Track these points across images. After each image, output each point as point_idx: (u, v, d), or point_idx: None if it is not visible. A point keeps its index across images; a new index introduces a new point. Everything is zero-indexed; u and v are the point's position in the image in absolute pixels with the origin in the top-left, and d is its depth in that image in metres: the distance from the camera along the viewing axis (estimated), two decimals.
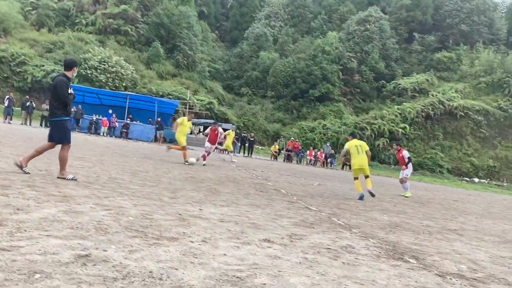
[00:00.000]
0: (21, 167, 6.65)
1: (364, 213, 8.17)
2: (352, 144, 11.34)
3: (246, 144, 32.75)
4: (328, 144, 37.36)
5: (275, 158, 33.09)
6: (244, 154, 31.98)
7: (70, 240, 3.44)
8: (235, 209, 6.34)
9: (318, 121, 45.39)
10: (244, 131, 36.98)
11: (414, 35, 58.88)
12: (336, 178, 20.03)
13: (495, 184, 41.06)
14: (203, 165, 14.71)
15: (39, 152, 6.93)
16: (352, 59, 51.87)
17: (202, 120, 39.35)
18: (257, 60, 52.72)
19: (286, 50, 54.65)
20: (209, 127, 16.68)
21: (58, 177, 6.75)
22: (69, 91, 6.88)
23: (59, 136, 6.82)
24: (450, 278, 3.97)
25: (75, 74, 7.40)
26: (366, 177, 11.46)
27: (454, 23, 58.90)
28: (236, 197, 7.74)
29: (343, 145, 42.31)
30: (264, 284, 3.05)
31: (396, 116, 45.30)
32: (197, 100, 42.28)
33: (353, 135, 12.49)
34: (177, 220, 4.93)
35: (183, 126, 14.74)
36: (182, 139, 14.68)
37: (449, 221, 8.96)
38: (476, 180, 41.35)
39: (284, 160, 33.04)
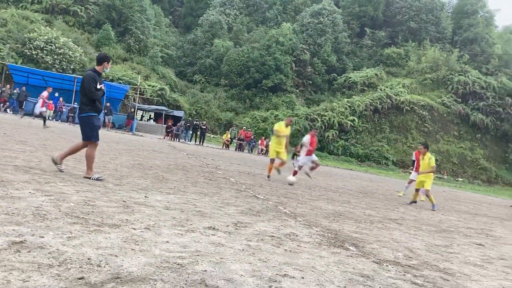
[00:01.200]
0: (56, 163, 6.64)
1: (310, 202, 8.35)
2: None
3: (198, 132, 32.52)
4: None
5: (227, 147, 33.09)
6: (195, 142, 31.74)
7: (4, 226, 3.30)
8: (182, 197, 6.29)
9: (270, 111, 45.74)
10: (196, 119, 36.66)
11: (365, 30, 60.31)
12: (286, 168, 20.29)
13: (436, 177, 43.07)
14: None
15: (73, 151, 6.89)
16: (305, 51, 52.49)
17: (153, 107, 38.65)
18: (211, 48, 52.28)
19: (241, 39, 54.51)
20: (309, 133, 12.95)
21: (84, 177, 6.51)
22: (98, 86, 6.69)
23: (85, 133, 6.68)
24: (386, 265, 4.14)
25: (107, 70, 7.16)
26: None
27: (404, 20, 60.82)
28: (184, 185, 7.69)
29: (294, 136, 43.05)
30: (205, 270, 3.07)
31: (346, 108, 46.42)
32: (148, 86, 41.42)
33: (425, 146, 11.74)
34: (120, 207, 4.84)
35: (280, 137, 12.04)
36: (273, 150, 12.20)
37: (390, 211, 9.32)
38: None
39: (236, 149, 33.09)
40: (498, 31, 68.50)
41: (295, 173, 12.12)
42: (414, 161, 14.59)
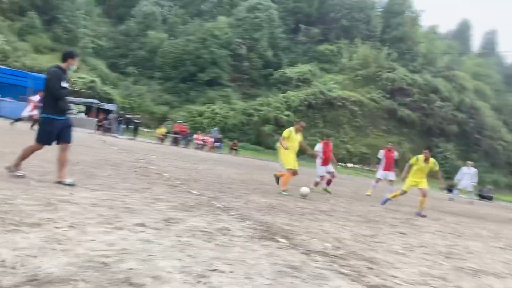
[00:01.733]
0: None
1: (245, 196, 8.39)
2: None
3: (131, 126, 31.62)
4: (216, 129, 37.64)
5: (162, 141, 32.48)
6: (128, 136, 30.86)
7: None
8: (111, 194, 6.08)
9: (207, 105, 45.43)
10: (129, 113, 35.64)
11: (300, 26, 61.45)
12: (222, 162, 20.29)
13: (367, 170, 44.93)
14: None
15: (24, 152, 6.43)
16: (242, 46, 52.60)
17: (83, 100, 37.07)
18: (144, 39, 50.98)
19: (176, 31, 53.61)
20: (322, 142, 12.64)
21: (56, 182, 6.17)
22: (63, 85, 6.24)
23: (37, 133, 6.42)
24: (314, 256, 4.24)
25: (74, 67, 6.64)
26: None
27: (337, 17, 62.67)
28: (114, 181, 7.44)
29: (231, 130, 43.17)
30: (131, 268, 2.98)
31: (281, 103, 47.15)
32: (78, 78, 39.63)
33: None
34: (42, 205, 4.59)
35: (292, 141, 10.56)
36: (290, 159, 10.36)
37: (321, 203, 9.59)
38: (350, 165, 44.82)
39: (171, 144, 32.57)
40: (423, 30, 72.46)
41: (316, 184, 12.33)
42: (380, 159, 14.62)
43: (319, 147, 12.54)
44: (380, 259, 4.62)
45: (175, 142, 33.10)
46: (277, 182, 10.63)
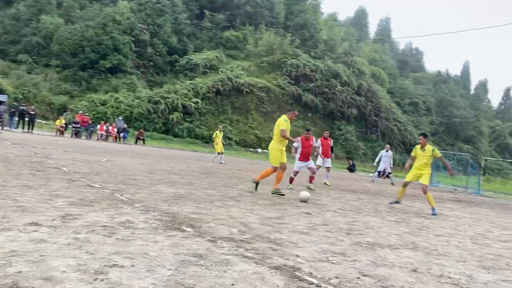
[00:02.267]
0: None
1: (150, 187, 8.17)
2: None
3: (26, 119, 29.30)
4: (120, 118, 36.17)
5: (62, 133, 30.53)
6: (23, 129, 28.59)
7: None
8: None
9: (110, 94, 43.36)
10: (23, 103, 32.92)
11: (204, 12, 60.82)
12: (128, 153, 19.60)
13: None
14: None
15: None
16: (145, 31, 50.83)
17: None
18: (38, 25, 47.19)
19: (73, 16, 50.27)
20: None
21: None
22: None
23: None
24: (220, 242, 4.25)
25: None
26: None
27: (241, 3, 62.86)
28: (4, 179, 6.84)
29: (137, 119, 41.74)
30: (20, 272, 2.75)
31: (189, 90, 46.52)
32: None
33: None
34: None
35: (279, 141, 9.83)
36: (278, 156, 9.65)
37: (230, 188, 9.66)
38: (260, 150, 45.73)
39: (71, 136, 30.73)
40: (323, 18, 75.38)
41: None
42: (319, 147, 14.46)
43: (318, 142, 12.33)
44: (285, 240, 4.76)
45: (76, 133, 31.29)
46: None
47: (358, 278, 3.54)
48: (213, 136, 21.69)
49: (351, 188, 15.39)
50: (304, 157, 11.97)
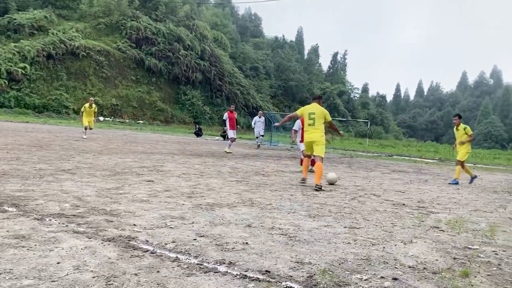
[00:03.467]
0: None
1: None
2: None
3: None
4: None
5: None
6: None
7: None
8: None
9: None
10: None
11: None
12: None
13: (118, 121, 44.26)
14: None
15: None
16: None
17: None
18: None
19: None
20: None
21: None
22: None
23: None
24: (49, 220, 3.93)
25: None
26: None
27: None
28: None
29: None
30: None
31: (14, 54, 41.46)
32: None
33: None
34: None
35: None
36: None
37: (65, 161, 8.97)
38: (102, 118, 43.32)
39: None
40: None
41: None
42: (225, 120, 16.85)
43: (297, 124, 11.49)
44: (122, 210, 4.61)
45: None
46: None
47: (195, 239, 3.61)
48: (82, 109, 18.45)
49: (197, 152, 15.60)
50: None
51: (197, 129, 35.93)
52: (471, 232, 4.84)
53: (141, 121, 47.88)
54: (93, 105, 18.35)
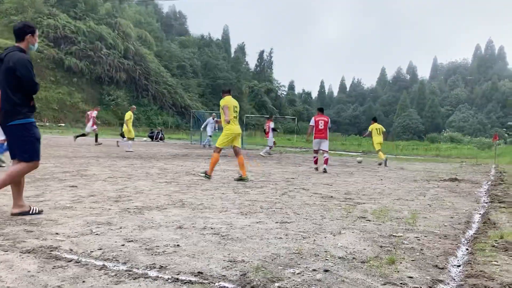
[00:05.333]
0: None
1: None
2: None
3: None
4: None
5: None
6: None
7: None
8: None
9: None
10: None
11: None
12: None
13: (38, 125, 41.60)
14: None
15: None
16: None
17: None
18: None
19: None
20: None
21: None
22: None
23: (24, 149, 4.35)
24: None
25: (35, 48, 4.66)
26: None
27: None
28: None
29: None
30: None
31: None
32: None
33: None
34: None
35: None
36: None
37: None
38: None
39: None
40: None
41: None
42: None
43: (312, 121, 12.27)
44: (43, 219, 4.32)
45: None
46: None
47: (123, 245, 3.46)
48: (127, 118, 17.03)
49: (124, 155, 15.10)
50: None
51: (123, 131, 34.78)
52: (395, 220, 5.08)
53: (62, 124, 45.48)
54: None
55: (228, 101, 8.66)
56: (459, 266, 3.30)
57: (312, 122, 12.19)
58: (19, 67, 4.26)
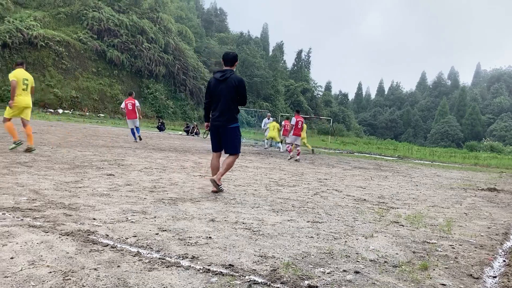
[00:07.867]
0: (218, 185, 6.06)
1: None
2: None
3: None
4: None
5: None
6: None
7: None
8: None
9: None
10: None
11: None
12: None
13: (78, 114, 43.05)
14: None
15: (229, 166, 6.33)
16: None
17: None
18: None
19: None
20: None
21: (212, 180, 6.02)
22: None
23: (235, 145, 6.29)
24: (2, 213, 3.76)
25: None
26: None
27: None
28: None
29: None
30: None
31: None
32: None
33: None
34: None
35: None
36: None
37: (21, 154, 8.64)
38: (61, 111, 42.08)
39: None
40: None
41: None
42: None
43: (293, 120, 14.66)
44: (81, 204, 4.47)
45: None
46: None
47: (157, 234, 3.54)
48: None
49: (160, 147, 15.37)
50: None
51: (160, 123, 35.43)
52: (429, 227, 4.98)
53: (102, 114, 46.77)
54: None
55: (17, 75, 8.99)
56: (495, 277, 3.21)
57: (293, 122, 14.98)
58: (241, 88, 6.15)
